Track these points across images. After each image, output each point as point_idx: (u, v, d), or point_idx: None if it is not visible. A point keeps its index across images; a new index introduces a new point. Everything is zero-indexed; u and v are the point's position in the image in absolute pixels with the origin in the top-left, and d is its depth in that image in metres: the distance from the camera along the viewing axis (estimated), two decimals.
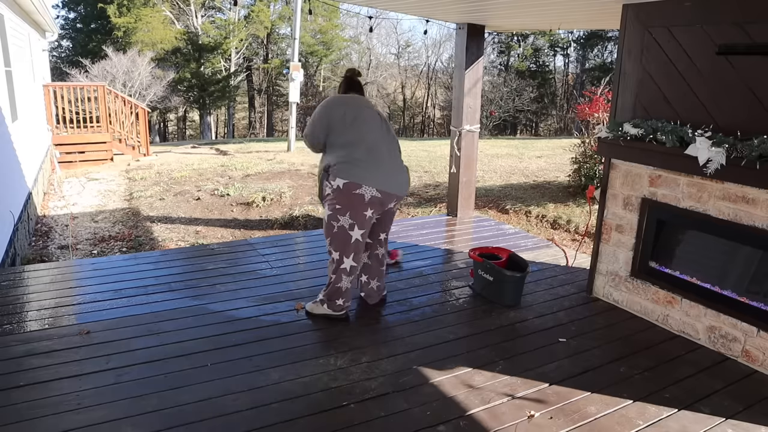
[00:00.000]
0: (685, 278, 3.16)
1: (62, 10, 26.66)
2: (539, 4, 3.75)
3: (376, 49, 33.04)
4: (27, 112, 7.96)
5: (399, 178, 3.12)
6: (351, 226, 3.01)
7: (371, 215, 3.04)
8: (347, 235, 3.02)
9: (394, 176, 3.08)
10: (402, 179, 3.14)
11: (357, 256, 3.10)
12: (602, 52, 30.07)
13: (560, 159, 10.81)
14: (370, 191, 2.96)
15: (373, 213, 3.06)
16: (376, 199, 3.00)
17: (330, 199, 3.01)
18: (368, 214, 3.03)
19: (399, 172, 3.13)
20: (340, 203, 2.98)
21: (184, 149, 14.23)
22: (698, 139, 2.80)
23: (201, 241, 6.39)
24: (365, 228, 3.06)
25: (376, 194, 2.98)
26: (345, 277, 3.12)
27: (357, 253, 3.09)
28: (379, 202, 3.03)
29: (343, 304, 3.19)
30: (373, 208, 3.03)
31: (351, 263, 3.09)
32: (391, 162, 3.09)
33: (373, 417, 2.35)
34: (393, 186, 3.06)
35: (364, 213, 3.00)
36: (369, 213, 3.02)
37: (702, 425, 2.36)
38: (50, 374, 2.59)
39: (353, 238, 3.03)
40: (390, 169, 3.08)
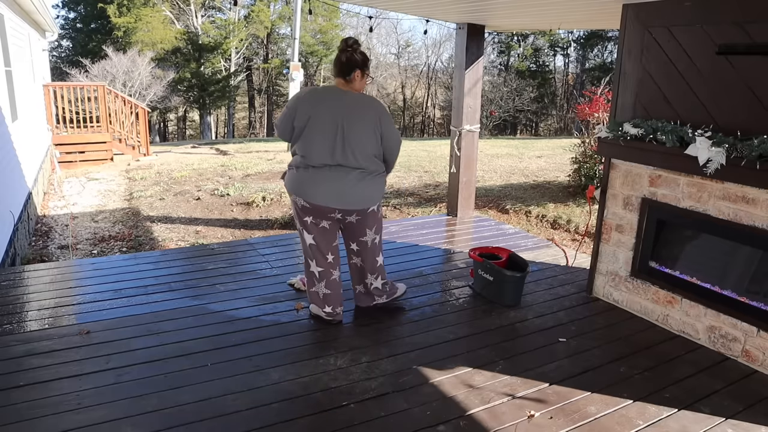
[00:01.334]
0: (685, 278, 3.16)
1: (62, 10, 26.69)
2: (539, 4, 3.74)
3: (376, 49, 33.03)
4: (27, 112, 7.96)
5: (335, 189, 2.82)
6: (301, 231, 3.03)
7: (314, 220, 2.94)
8: (303, 240, 3.05)
9: (325, 187, 2.82)
10: (340, 191, 2.82)
11: (320, 261, 3.03)
12: (602, 52, 30.08)
13: (560, 159, 10.81)
14: (299, 200, 2.91)
15: (315, 219, 2.93)
16: (307, 208, 2.90)
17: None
18: (309, 221, 2.95)
19: (338, 182, 2.81)
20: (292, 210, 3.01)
21: (184, 149, 14.23)
22: (698, 139, 2.80)
23: (201, 241, 6.39)
24: (314, 233, 2.98)
25: (305, 204, 2.89)
26: (316, 282, 3.09)
27: (317, 258, 3.03)
28: (314, 211, 2.90)
29: (332, 310, 3.13)
30: (311, 215, 2.92)
31: (317, 268, 3.06)
32: (328, 171, 2.81)
33: (373, 417, 2.34)
34: (324, 198, 2.83)
35: (305, 219, 2.96)
36: (309, 219, 2.94)
37: (702, 425, 2.36)
38: (50, 374, 2.59)
39: (307, 243, 3.03)
40: (323, 178, 2.82)
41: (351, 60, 2.83)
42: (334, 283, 3.12)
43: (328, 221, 2.98)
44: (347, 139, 2.79)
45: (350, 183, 2.84)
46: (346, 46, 2.85)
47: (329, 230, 3.01)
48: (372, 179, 2.91)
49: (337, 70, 2.88)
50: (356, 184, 2.85)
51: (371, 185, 2.91)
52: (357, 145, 2.81)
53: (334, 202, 2.86)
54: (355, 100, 2.85)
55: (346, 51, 2.84)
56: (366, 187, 2.89)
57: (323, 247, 3.03)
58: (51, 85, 11.39)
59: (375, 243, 3.13)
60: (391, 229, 5.06)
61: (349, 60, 2.83)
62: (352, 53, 2.83)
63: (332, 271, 3.10)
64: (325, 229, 3.00)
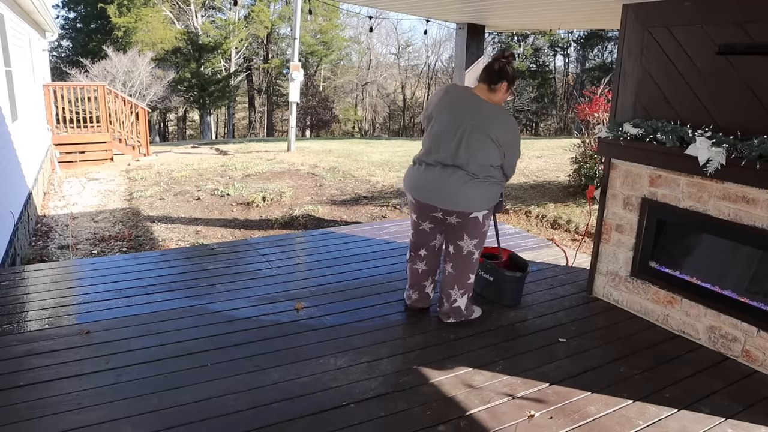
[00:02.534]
0: (685, 278, 3.16)
1: (62, 10, 26.69)
2: (539, 4, 3.74)
3: (376, 49, 33.06)
4: (27, 112, 7.96)
5: (438, 187, 2.86)
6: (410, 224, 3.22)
7: (417, 220, 3.11)
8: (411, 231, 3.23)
9: (432, 185, 2.88)
10: (442, 189, 2.86)
11: (413, 247, 3.22)
12: (602, 52, 30.09)
13: (560, 159, 10.80)
14: (409, 196, 3.07)
15: (419, 219, 3.09)
16: (413, 205, 3.07)
17: None
18: (413, 218, 3.13)
19: (443, 181, 2.85)
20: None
21: (184, 149, 14.23)
22: (698, 139, 2.80)
23: (201, 241, 6.39)
24: (414, 230, 3.17)
25: (412, 200, 3.06)
26: (406, 263, 3.32)
27: (413, 247, 3.23)
28: (419, 208, 3.05)
29: (408, 291, 3.36)
30: (417, 212, 3.08)
31: (408, 253, 3.28)
32: (439, 170, 2.86)
33: (373, 417, 2.35)
34: (427, 196, 2.92)
35: (412, 215, 3.14)
36: (413, 217, 3.13)
37: (702, 425, 2.36)
38: (50, 374, 2.59)
39: (412, 232, 3.22)
40: (432, 176, 2.88)
41: (503, 71, 2.80)
42: (415, 272, 3.26)
43: (430, 224, 3.07)
44: (467, 144, 2.78)
45: (454, 183, 2.83)
46: (501, 56, 2.82)
47: (429, 232, 3.13)
48: (477, 184, 2.85)
49: (485, 75, 2.83)
50: (461, 185, 2.83)
51: (475, 189, 2.85)
52: (472, 152, 2.79)
53: (435, 200, 2.91)
54: (489, 109, 2.82)
55: (500, 60, 2.80)
56: (470, 189, 2.84)
57: (419, 242, 3.19)
58: (51, 85, 11.39)
59: (471, 254, 3.02)
60: (391, 229, 5.06)
61: (501, 70, 2.80)
62: (506, 64, 2.80)
63: (419, 262, 3.23)
64: (425, 231, 3.13)
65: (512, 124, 2.90)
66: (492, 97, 2.86)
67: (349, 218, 7.19)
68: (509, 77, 2.82)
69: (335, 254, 4.37)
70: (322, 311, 3.34)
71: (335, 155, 12.26)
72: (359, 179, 9.36)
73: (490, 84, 2.83)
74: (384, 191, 8.49)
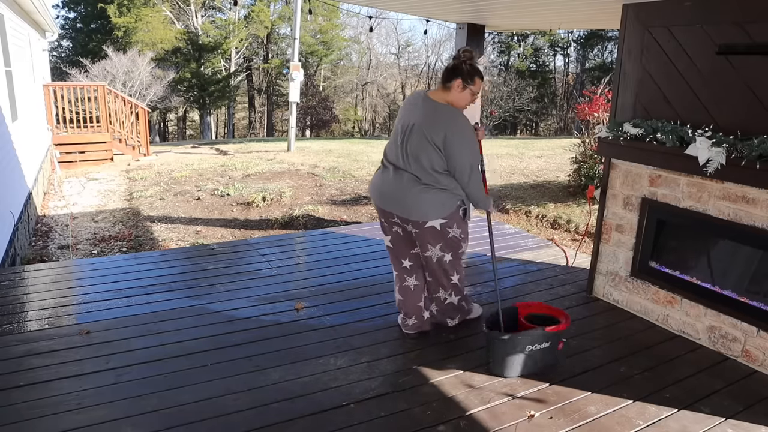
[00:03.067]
0: (685, 278, 3.16)
1: (62, 10, 26.68)
2: (539, 4, 3.75)
3: (376, 49, 33.05)
4: (27, 112, 7.96)
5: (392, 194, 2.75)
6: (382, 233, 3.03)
7: (386, 223, 2.92)
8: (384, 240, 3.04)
9: (385, 190, 2.79)
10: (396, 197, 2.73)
11: (395, 264, 3.01)
12: (602, 52, 30.08)
13: (560, 159, 10.81)
14: (373, 201, 2.94)
15: (387, 223, 2.90)
16: (378, 209, 2.92)
17: None
18: (383, 222, 2.95)
19: (396, 188, 2.73)
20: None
21: (184, 149, 14.23)
22: (698, 139, 2.80)
23: (201, 241, 6.38)
24: (389, 235, 2.95)
25: (377, 204, 2.92)
26: (394, 285, 3.06)
27: (393, 259, 3.01)
28: (380, 213, 2.92)
29: (405, 319, 3.04)
30: (383, 217, 2.91)
31: (394, 271, 3.05)
32: (392, 176, 2.75)
33: (373, 417, 2.35)
34: (384, 201, 2.81)
35: (381, 220, 2.96)
36: (383, 220, 2.94)
37: (702, 425, 2.36)
38: (50, 374, 2.59)
39: (386, 244, 3.03)
40: (387, 182, 2.78)
41: (457, 68, 2.66)
42: (407, 291, 2.98)
43: (398, 227, 2.87)
44: (409, 145, 2.68)
45: (404, 188, 2.71)
46: (458, 54, 2.71)
47: (403, 236, 2.89)
48: (425, 189, 2.67)
49: (443, 75, 2.73)
50: (409, 190, 2.69)
51: (424, 195, 2.67)
52: (413, 155, 2.67)
53: (391, 205, 2.78)
54: (432, 109, 2.67)
55: (457, 58, 2.70)
56: (419, 195, 2.67)
57: (398, 251, 2.95)
58: (51, 85, 11.39)
59: (443, 261, 2.85)
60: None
61: (455, 68, 2.67)
62: (461, 62, 2.67)
63: (406, 277, 2.96)
64: (399, 234, 2.90)
65: (458, 127, 2.64)
66: (448, 97, 2.70)
67: (349, 218, 7.19)
68: (463, 74, 2.65)
69: (335, 254, 4.37)
70: (322, 311, 3.34)
71: (335, 155, 12.26)
72: (359, 179, 9.36)
73: (444, 83, 2.70)
74: None
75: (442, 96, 2.71)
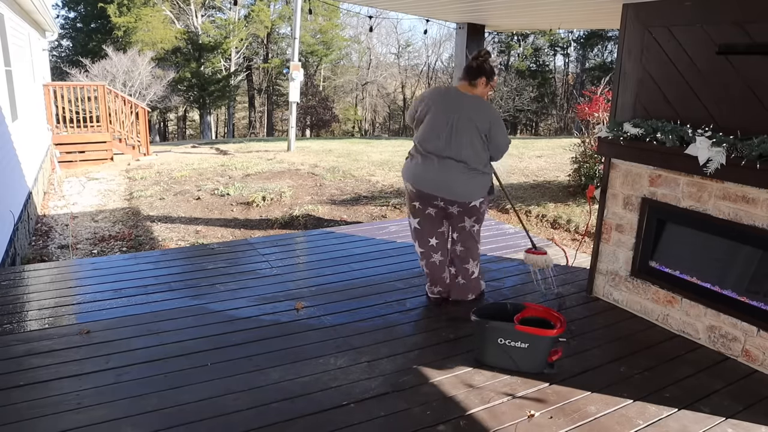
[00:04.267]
0: (685, 278, 3.16)
1: (62, 10, 26.68)
2: (539, 4, 3.75)
3: (376, 49, 33.05)
4: (27, 112, 7.96)
5: (440, 179, 3.09)
6: (408, 215, 3.36)
7: (421, 206, 3.22)
8: (409, 224, 3.38)
9: (432, 176, 3.11)
10: (445, 182, 3.09)
11: (422, 243, 3.32)
12: (602, 52, 30.08)
13: (560, 159, 10.80)
14: (408, 186, 3.23)
15: (421, 205, 3.21)
16: (414, 193, 3.21)
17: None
18: (417, 205, 3.24)
19: (445, 173, 3.08)
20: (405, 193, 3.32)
21: (184, 149, 14.23)
22: (698, 139, 2.80)
23: (201, 240, 6.38)
24: (419, 217, 3.26)
25: (412, 189, 3.21)
26: (420, 260, 3.41)
27: (420, 239, 3.32)
28: (419, 196, 3.19)
29: (431, 286, 3.45)
30: (418, 201, 3.21)
31: (418, 248, 3.37)
32: (437, 162, 3.09)
33: (373, 417, 2.35)
34: (428, 185, 3.13)
35: (414, 204, 3.25)
36: (417, 204, 3.23)
37: (702, 425, 2.36)
38: (50, 374, 2.59)
39: (412, 226, 3.34)
40: (431, 168, 3.11)
41: (480, 68, 3.12)
42: (433, 266, 3.35)
43: (434, 208, 3.23)
44: (457, 134, 3.05)
45: (453, 175, 3.09)
46: (478, 55, 3.15)
47: (434, 217, 3.26)
48: (474, 174, 3.12)
49: (465, 74, 3.16)
50: (458, 177, 3.09)
51: (472, 180, 3.12)
52: (463, 143, 3.05)
53: (438, 191, 3.13)
54: (473, 102, 3.10)
55: (478, 59, 3.13)
56: (468, 180, 3.11)
57: (427, 230, 3.29)
58: (51, 84, 11.39)
59: (474, 230, 3.34)
60: (391, 229, 5.06)
61: (479, 67, 3.12)
62: (483, 62, 3.12)
63: (433, 254, 3.32)
64: (431, 216, 3.26)
65: (492, 110, 3.16)
66: (473, 91, 3.16)
67: (349, 218, 7.19)
68: (486, 73, 3.13)
69: (335, 254, 4.37)
70: (322, 311, 3.34)
71: (335, 155, 12.26)
72: (359, 179, 9.36)
73: (470, 80, 3.14)
74: (384, 191, 8.49)
75: (470, 90, 3.16)
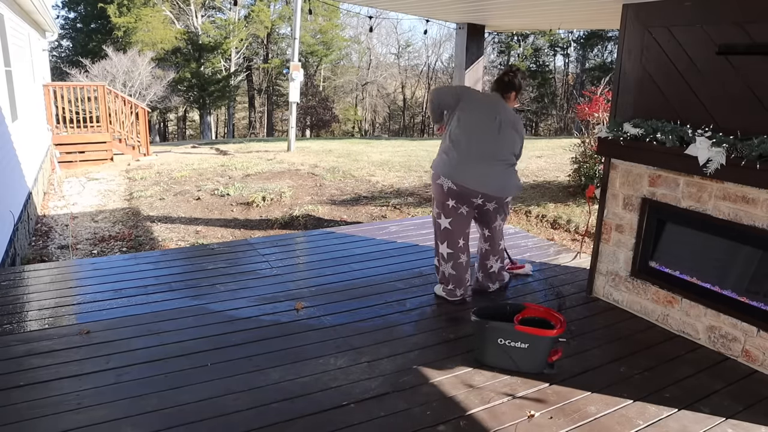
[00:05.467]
0: (685, 278, 3.16)
1: (62, 10, 26.68)
2: (539, 4, 3.75)
3: (376, 49, 33.06)
4: (27, 112, 7.96)
5: (484, 175, 3.19)
6: (438, 215, 3.35)
7: (455, 205, 3.25)
8: (437, 223, 3.38)
9: (476, 172, 3.18)
10: (488, 178, 3.20)
11: (451, 244, 3.33)
12: (602, 52, 30.07)
13: (560, 159, 10.80)
14: (447, 183, 3.22)
15: (457, 203, 3.24)
16: (453, 191, 3.22)
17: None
18: (450, 204, 3.25)
19: (487, 169, 3.20)
20: (433, 193, 3.36)
21: (184, 149, 14.23)
22: (698, 139, 2.80)
23: (201, 240, 6.38)
24: (452, 217, 3.28)
25: (452, 186, 3.21)
26: (443, 263, 3.40)
27: (450, 240, 3.33)
28: (457, 194, 3.22)
29: (454, 289, 3.44)
30: (455, 199, 3.24)
31: (446, 249, 3.36)
32: (480, 160, 3.19)
33: (373, 417, 2.35)
34: (471, 182, 3.18)
35: (447, 203, 3.26)
36: (451, 203, 3.25)
37: (702, 425, 2.36)
38: (50, 374, 2.59)
39: (442, 226, 3.34)
40: (475, 165, 3.18)
41: (512, 83, 3.34)
42: (460, 266, 3.38)
43: (468, 207, 3.29)
44: (502, 136, 3.22)
45: (497, 172, 3.24)
46: (509, 70, 3.36)
47: (466, 216, 3.32)
48: (512, 172, 3.32)
49: (497, 86, 3.35)
50: (501, 173, 3.25)
51: (511, 177, 3.31)
52: (506, 142, 3.25)
53: (482, 186, 3.21)
54: (507, 109, 3.34)
55: (509, 74, 3.34)
56: (508, 177, 3.28)
57: (457, 231, 3.32)
58: (51, 85, 11.39)
59: (501, 228, 3.58)
60: (391, 229, 5.06)
61: (511, 82, 3.33)
62: (513, 77, 3.33)
63: (461, 255, 3.36)
64: (462, 215, 3.30)
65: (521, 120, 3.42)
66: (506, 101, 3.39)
67: (349, 218, 7.19)
68: (516, 88, 3.35)
69: (335, 254, 4.37)
70: (322, 311, 3.34)
71: (335, 155, 12.26)
72: (359, 179, 9.36)
73: (502, 93, 3.33)
74: (384, 191, 8.49)
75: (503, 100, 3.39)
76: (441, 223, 3.33)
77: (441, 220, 3.33)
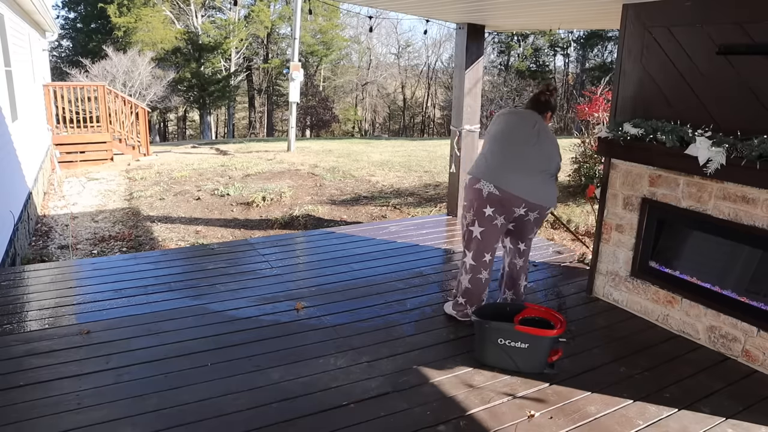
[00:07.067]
0: (685, 278, 3.16)
1: (62, 10, 26.69)
2: (539, 4, 3.74)
3: (376, 49, 33.06)
4: (27, 112, 7.96)
5: (529, 183, 3.07)
6: (472, 222, 3.15)
7: (492, 214, 3.08)
8: (469, 231, 3.17)
9: (521, 179, 3.05)
10: (533, 186, 3.07)
11: (476, 256, 3.16)
12: (602, 52, 30.07)
13: None
14: (488, 187, 3.06)
15: (495, 212, 3.07)
16: (495, 197, 3.05)
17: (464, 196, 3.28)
18: (488, 212, 3.08)
19: (531, 178, 3.08)
20: (467, 199, 3.19)
21: (184, 149, 14.23)
22: (698, 139, 2.79)
23: (201, 240, 6.38)
24: (485, 227, 3.11)
25: (494, 191, 3.05)
26: (464, 273, 3.21)
27: (477, 251, 3.15)
28: (499, 201, 3.06)
29: (465, 306, 3.24)
30: (494, 206, 3.07)
31: (470, 261, 3.18)
32: (522, 166, 3.09)
33: (373, 417, 2.35)
34: (517, 188, 3.05)
35: (484, 210, 3.09)
36: (489, 211, 3.08)
37: (702, 425, 2.36)
38: (50, 374, 2.59)
39: (473, 234, 3.15)
40: (517, 171, 3.07)
41: (548, 102, 3.31)
42: (478, 283, 3.19)
43: (505, 218, 3.12)
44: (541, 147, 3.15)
45: (541, 180, 3.11)
46: (546, 89, 3.33)
47: (499, 229, 3.15)
48: (553, 182, 3.20)
49: (534, 104, 3.30)
50: (544, 183, 3.13)
51: (554, 187, 3.20)
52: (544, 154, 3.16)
53: (528, 194, 3.07)
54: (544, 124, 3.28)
55: (545, 94, 3.31)
56: (551, 188, 3.17)
57: (486, 243, 3.15)
58: (51, 85, 11.38)
59: (533, 241, 3.44)
60: (391, 229, 5.06)
61: (548, 102, 3.31)
62: (549, 97, 3.31)
63: (482, 270, 3.19)
64: (496, 227, 3.13)
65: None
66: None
67: (349, 218, 7.19)
68: (552, 108, 3.33)
69: (335, 254, 4.37)
70: (322, 311, 3.34)
71: (335, 155, 12.26)
72: (359, 179, 9.36)
73: (539, 112, 3.27)
74: (384, 191, 8.49)
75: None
76: (473, 231, 3.14)
77: (474, 227, 3.13)
